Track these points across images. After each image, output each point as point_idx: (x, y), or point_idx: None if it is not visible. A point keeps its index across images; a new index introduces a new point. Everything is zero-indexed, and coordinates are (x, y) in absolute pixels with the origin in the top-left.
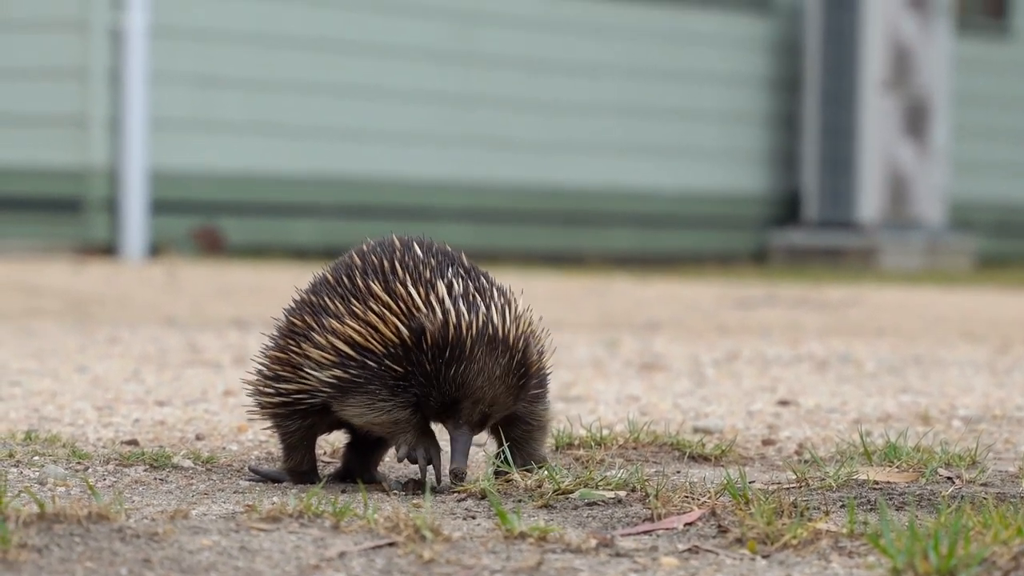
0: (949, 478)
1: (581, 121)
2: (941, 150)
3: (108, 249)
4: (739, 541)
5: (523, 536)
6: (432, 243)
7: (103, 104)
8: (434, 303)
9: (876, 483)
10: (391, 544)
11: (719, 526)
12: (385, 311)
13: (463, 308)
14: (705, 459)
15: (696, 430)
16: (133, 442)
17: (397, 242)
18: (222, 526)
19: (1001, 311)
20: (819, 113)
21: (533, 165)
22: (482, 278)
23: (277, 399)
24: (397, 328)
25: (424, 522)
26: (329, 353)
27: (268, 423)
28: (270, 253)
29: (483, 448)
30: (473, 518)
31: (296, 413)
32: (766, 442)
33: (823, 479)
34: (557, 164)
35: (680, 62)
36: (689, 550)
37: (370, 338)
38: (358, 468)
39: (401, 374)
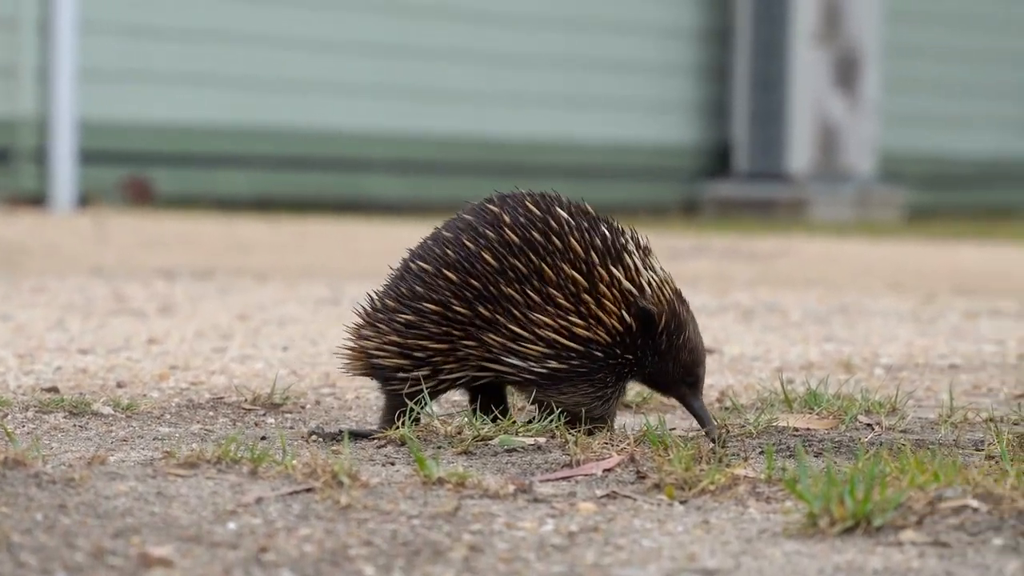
0: (869, 425)
1: (514, 73)
2: (871, 102)
3: (37, 199)
4: (657, 487)
5: (441, 482)
6: (559, 198)
7: (32, 54)
8: (640, 281)
9: (796, 430)
10: (308, 490)
11: (638, 472)
12: (604, 300)
13: (661, 274)
14: (626, 406)
15: None
16: (53, 389)
17: (534, 208)
18: (139, 472)
19: (928, 262)
20: (750, 65)
21: (465, 117)
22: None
23: (420, 385)
24: (622, 317)
25: (342, 468)
26: (539, 345)
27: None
28: (200, 204)
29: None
30: (392, 464)
31: (431, 392)
32: None
33: (743, 426)
34: (489, 116)
35: (612, 13)
36: (607, 495)
37: (595, 329)
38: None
39: (632, 360)
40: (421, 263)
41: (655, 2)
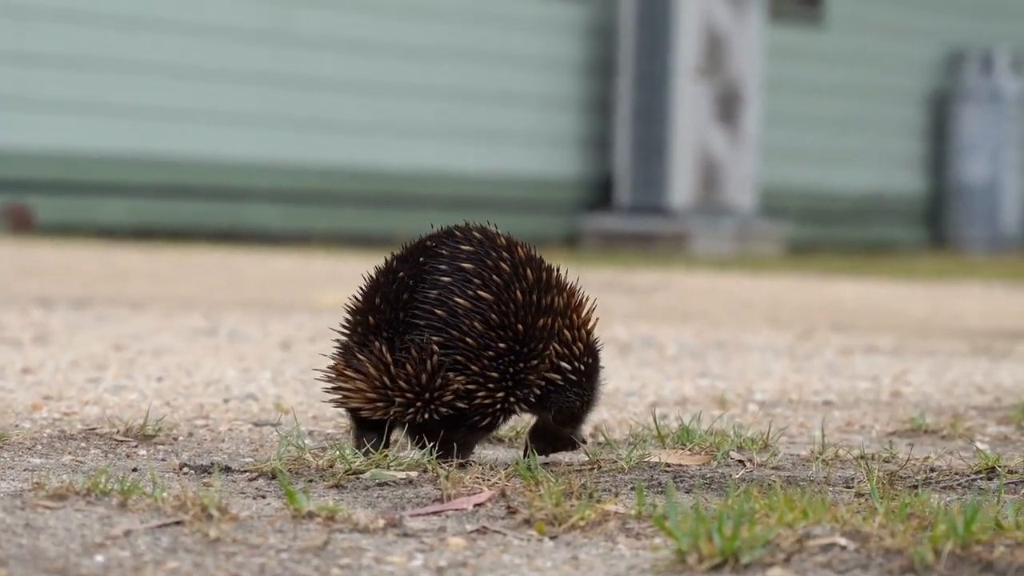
0: (740, 461)
1: (397, 103)
2: (753, 137)
3: None
4: (527, 522)
5: (311, 516)
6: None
7: None
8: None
9: (668, 466)
10: (178, 523)
11: (508, 507)
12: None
13: None
14: (499, 440)
15: None
16: None
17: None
18: (8, 503)
19: (807, 297)
20: (632, 98)
21: (347, 147)
22: None
23: (505, 404)
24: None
25: (211, 501)
26: (578, 346)
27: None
28: (80, 232)
29: (276, 428)
30: (263, 497)
31: (509, 413)
32: None
33: (615, 461)
34: (372, 146)
35: (496, 45)
36: (477, 531)
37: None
38: None
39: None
40: (436, 290)
41: (539, 35)
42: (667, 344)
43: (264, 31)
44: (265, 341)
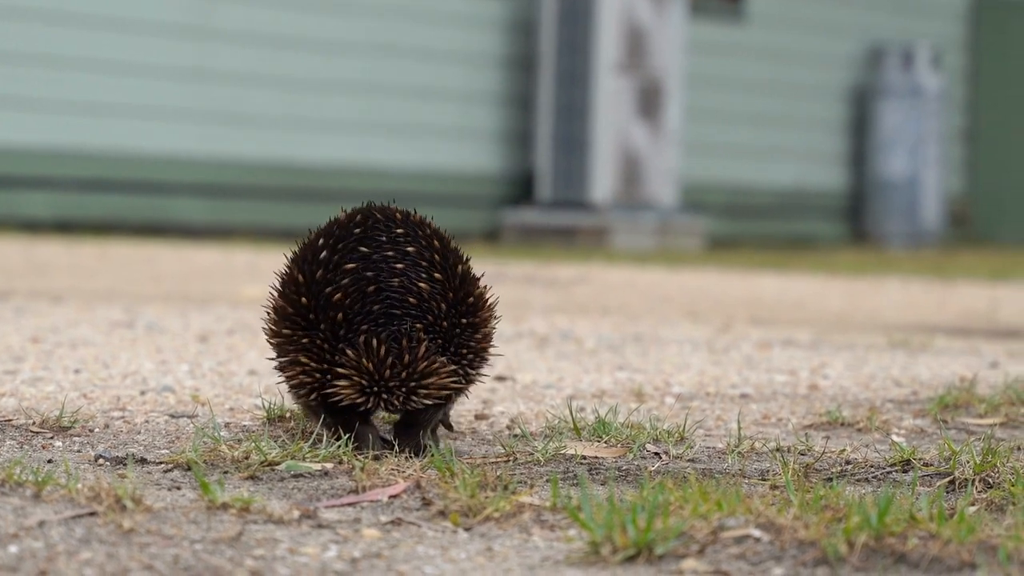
0: (656, 453)
1: (318, 98)
2: (674, 132)
3: None
4: (442, 514)
5: (225, 507)
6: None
7: None
8: None
9: (583, 458)
10: (92, 514)
11: (423, 499)
12: None
13: None
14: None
15: None
16: None
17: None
18: None
19: (727, 291)
20: (554, 93)
21: (269, 141)
22: None
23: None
24: None
25: (125, 492)
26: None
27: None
28: (0, 226)
29: (192, 420)
30: (178, 489)
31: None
32: (479, 417)
33: (531, 453)
34: (293, 140)
35: (417, 40)
36: (392, 522)
37: None
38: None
39: None
40: (397, 279)
41: (460, 30)
42: (586, 337)
43: (185, 26)
44: (184, 334)
